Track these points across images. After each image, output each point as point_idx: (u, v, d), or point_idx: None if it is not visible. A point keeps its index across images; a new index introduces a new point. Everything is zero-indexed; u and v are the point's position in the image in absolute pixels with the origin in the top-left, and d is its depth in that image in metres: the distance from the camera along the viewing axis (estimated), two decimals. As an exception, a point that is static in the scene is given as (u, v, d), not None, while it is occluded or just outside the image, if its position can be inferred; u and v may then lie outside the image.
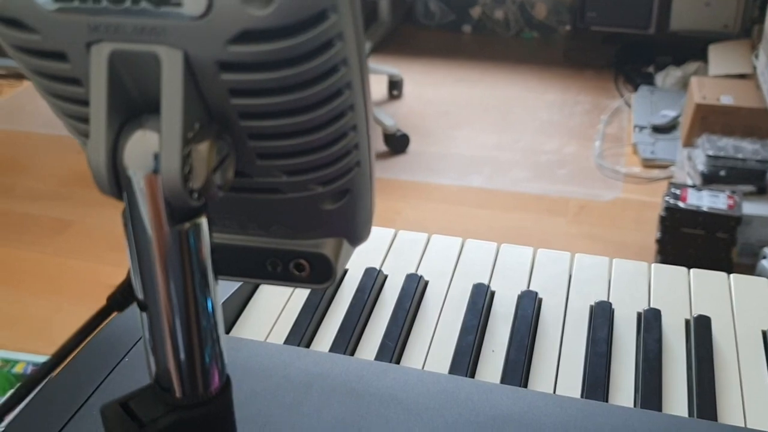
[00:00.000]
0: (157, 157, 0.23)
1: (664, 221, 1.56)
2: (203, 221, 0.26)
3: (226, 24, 0.22)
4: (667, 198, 1.56)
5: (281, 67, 0.23)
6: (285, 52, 0.22)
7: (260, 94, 0.24)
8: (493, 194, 1.93)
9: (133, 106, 0.24)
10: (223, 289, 0.61)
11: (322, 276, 0.31)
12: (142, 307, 0.27)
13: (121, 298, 0.29)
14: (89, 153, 0.24)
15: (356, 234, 0.31)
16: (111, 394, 0.50)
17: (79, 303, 1.55)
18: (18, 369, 1.37)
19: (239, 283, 0.63)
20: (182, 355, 0.27)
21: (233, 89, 0.23)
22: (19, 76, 2.43)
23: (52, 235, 1.77)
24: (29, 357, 1.40)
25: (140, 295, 0.27)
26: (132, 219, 0.25)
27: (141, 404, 0.28)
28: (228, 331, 0.61)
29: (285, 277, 0.31)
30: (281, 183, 0.27)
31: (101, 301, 0.31)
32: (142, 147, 0.23)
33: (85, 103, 0.24)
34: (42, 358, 1.39)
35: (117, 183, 0.24)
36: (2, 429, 0.47)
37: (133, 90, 0.24)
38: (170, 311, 0.26)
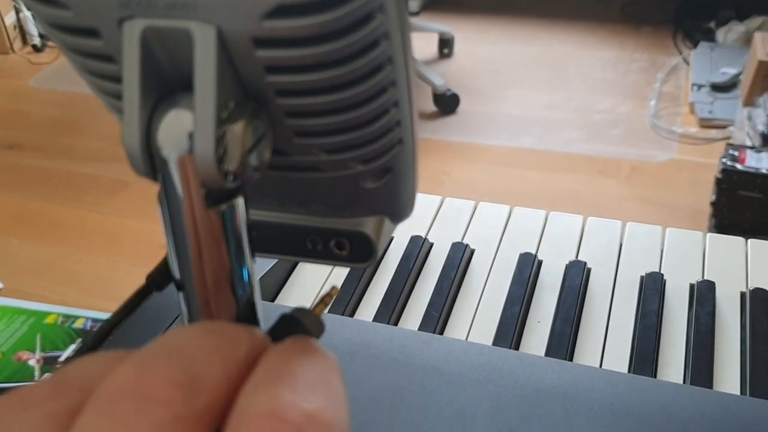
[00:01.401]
0: (191, 136, 0.22)
1: (720, 183, 1.52)
2: (240, 201, 0.25)
3: None
4: (724, 159, 1.51)
5: (319, 42, 0.22)
6: (323, 26, 0.21)
7: (297, 70, 0.23)
8: (544, 155, 1.90)
9: (168, 83, 0.23)
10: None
11: (362, 255, 0.30)
12: (179, 286, 0.27)
13: (159, 278, 0.29)
14: (123, 132, 0.23)
15: (398, 212, 0.30)
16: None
17: (137, 262, 1.58)
18: (78, 324, 1.41)
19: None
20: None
21: (269, 66, 0.22)
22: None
23: (110, 195, 1.81)
24: (89, 313, 1.44)
25: (177, 275, 0.26)
26: (168, 200, 0.24)
27: None
28: (273, 300, 0.61)
29: (325, 255, 0.30)
30: (320, 161, 0.26)
31: (157, 260, 0.31)
32: (176, 126, 0.23)
33: (120, 80, 0.23)
34: (101, 315, 1.43)
35: (152, 164, 0.23)
36: None
37: (168, 67, 0.23)
38: (205, 292, 0.26)
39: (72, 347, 1.36)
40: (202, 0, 0.21)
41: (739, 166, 1.50)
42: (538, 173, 1.83)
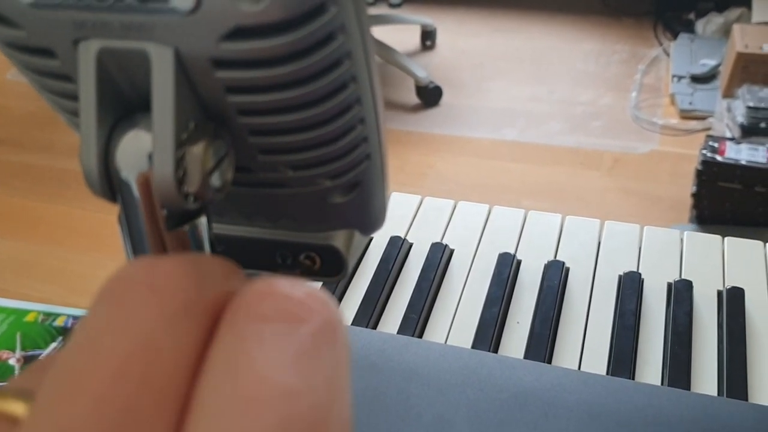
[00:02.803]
0: (151, 158, 0.22)
1: (700, 175, 1.52)
2: (202, 220, 0.25)
3: (217, 20, 0.20)
4: (704, 151, 1.52)
5: (280, 63, 0.21)
6: (283, 48, 0.21)
7: (258, 90, 0.22)
8: (527, 147, 1.90)
9: (127, 103, 0.23)
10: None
11: (333, 269, 0.29)
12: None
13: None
14: (81, 153, 0.22)
15: (369, 225, 0.30)
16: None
17: (119, 258, 1.56)
18: (59, 322, 1.40)
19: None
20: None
21: (229, 86, 0.22)
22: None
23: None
24: (70, 311, 1.42)
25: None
26: (128, 222, 0.24)
27: None
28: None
29: (295, 269, 0.30)
30: (286, 178, 0.26)
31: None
32: (135, 147, 0.22)
33: (77, 98, 0.23)
34: (82, 312, 1.41)
35: (110, 185, 0.23)
36: None
37: (126, 87, 0.23)
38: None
39: (53, 345, 1.34)
40: (158, 22, 0.21)
41: (719, 158, 1.50)
42: (521, 165, 1.84)
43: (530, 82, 2.19)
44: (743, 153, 1.52)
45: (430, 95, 2.08)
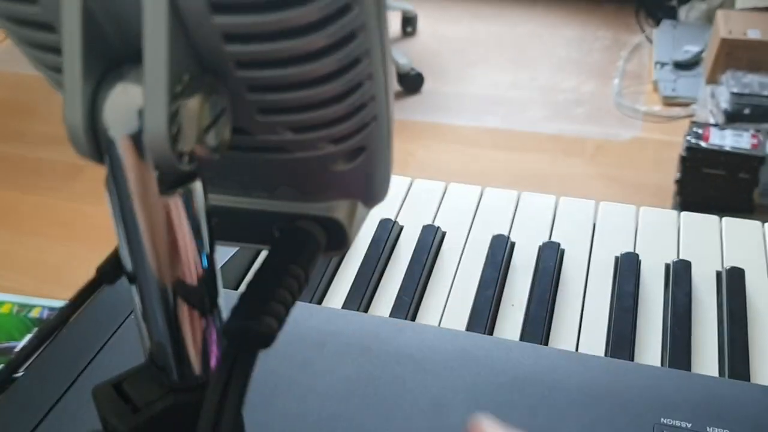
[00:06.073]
0: (141, 114, 0.20)
1: (684, 161, 1.52)
2: (197, 185, 0.23)
3: None
4: (688, 137, 1.51)
5: (283, 6, 0.19)
6: None
7: (259, 39, 0.20)
8: (509, 134, 1.88)
9: (114, 55, 0.20)
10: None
11: (334, 242, 0.28)
12: (132, 279, 0.24)
13: (110, 270, 0.26)
14: (65, 110, 0.20)
15: (372, 195, 0.28)
16: (103, 371, 0.48)
17: (94, 248, 1.54)
18: (34, 314, 1.37)
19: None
20: (176, 334, 0.24)
21: (228, 34, 0.20)
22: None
23: (66, 180, 1.75)
24: (45, 302, 1.39)
25: (129, 267, 0.24)
26: (116, 186, 0.22)
27: (135, 386, 0.26)
28: (236, 288, 0.59)
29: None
30: (286, 141, 0.24)
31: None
32: (123, 102, 0.20)
33: (61, 51, 0.20)
34: (58, 303, 1.39)
35: (97, 145, 0.21)
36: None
37: (113, 36, 0.20)
38: (160, 285, 0.23)
39: (29, 337, 1.31)
40: None
41: (703, 144, 1.50)
42: (504, 153, 1.82)
43: (512, 69, 2.17)
44: (727, 139, 1.51)
45: (411, 82, 2.06)
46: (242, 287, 0.58)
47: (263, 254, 0.60)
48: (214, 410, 0.21)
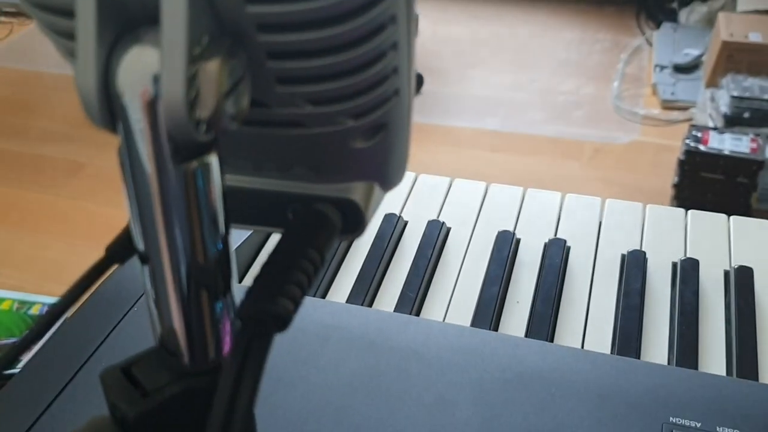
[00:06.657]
0: (157, 79, 0.19)
1: (682, 165, 1.51)
2: (213, 159, 0.22)
3: None
4: (687, 141, 1.51)
5: None
6: None
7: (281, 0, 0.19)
8: (508, 137, 1.88)
9: (130, 16, 0.19)
10: (234, 235, 0.58)
11: (350, 225, 0.27)
12: (144, 259, 0.23)
13: (120, 249, 0.26)
14: (76, 74, 0.19)
15: (389, 178, 0.27)
16: (112, 356, 0.47)
17: (95, 245, 1.52)
18: (34, 311, 1.36)
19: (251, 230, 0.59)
20: (189, 317, 0.24)
21: None
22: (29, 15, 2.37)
23: (65, 177, 1.74)
24: (45, 299, 1.38)
25: (141, 246, 0.23)
26: (129, 156, 0.21)
27: (145, 370, 0.25)
28: (240, 280, 0.58)
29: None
30: (305, 114, 0.23)
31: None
32: (139, 66, 0.19)
33: (72, 14, 0.19)
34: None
35: (110, 112, 0.20)
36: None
37: None
38: (174, 266, 0.22)
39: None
40: None
41: (702, 147, 1.49)
42: (502, 155, 1.82)
43: (512, 71, 2.17)
44: (726, 143, 1.51)
45: (411, 83, 2.05)
46: (246, 280, 0.57)
47: (264, 252, 0.60)
48: (229, 394, 0.20)
